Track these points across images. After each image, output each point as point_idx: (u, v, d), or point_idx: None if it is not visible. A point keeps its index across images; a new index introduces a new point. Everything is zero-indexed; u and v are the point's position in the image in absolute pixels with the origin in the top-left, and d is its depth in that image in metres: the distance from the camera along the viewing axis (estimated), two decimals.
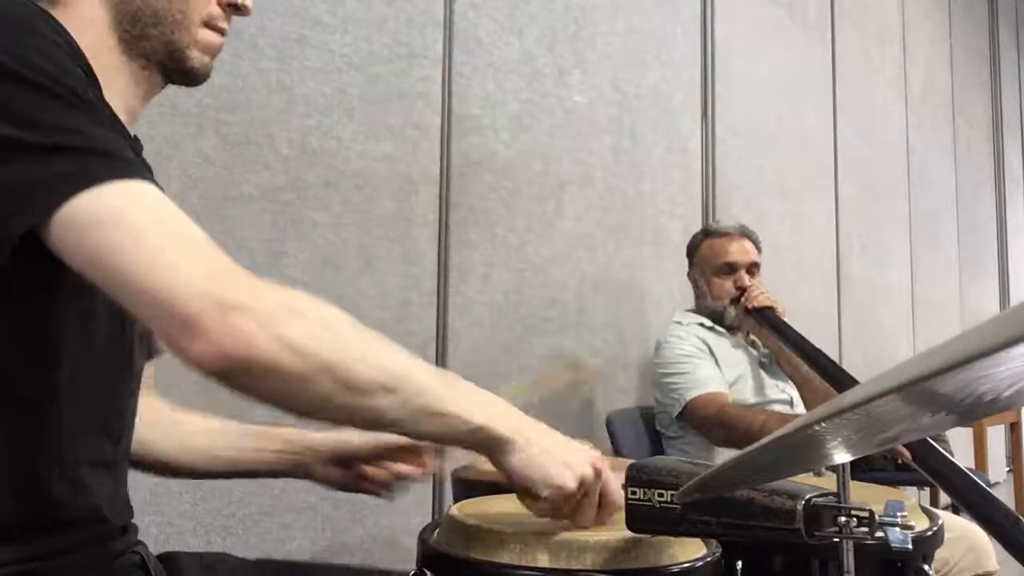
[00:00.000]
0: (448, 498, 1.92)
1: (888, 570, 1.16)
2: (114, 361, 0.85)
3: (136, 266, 0.68)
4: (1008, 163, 6.93)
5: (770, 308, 2.21)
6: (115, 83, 0.78)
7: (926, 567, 1.15)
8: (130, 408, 0.89)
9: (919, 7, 5.32)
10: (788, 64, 3.76)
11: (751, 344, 2.38)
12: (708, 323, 2.32)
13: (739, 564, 1.09)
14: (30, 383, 0.77)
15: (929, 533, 1.19)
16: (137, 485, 0.92)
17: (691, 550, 0.94)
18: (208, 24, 0.86)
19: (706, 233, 2.44)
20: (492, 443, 0.84)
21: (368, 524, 1.91)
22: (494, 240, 2.27)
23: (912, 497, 1.68)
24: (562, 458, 0.86)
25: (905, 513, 0.74)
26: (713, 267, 2.34)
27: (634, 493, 0.87)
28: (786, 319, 2.20)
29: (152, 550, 0.93)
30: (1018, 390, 0.41)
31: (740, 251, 2.34)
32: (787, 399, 2.28)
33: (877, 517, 0.75)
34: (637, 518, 0.87)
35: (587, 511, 0.89)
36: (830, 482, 0.84)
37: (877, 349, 4.34)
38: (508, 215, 2.31)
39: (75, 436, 0.81)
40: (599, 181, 2.63)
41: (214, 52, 0.88)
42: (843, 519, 0.76)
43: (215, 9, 0.87)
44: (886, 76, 4.81)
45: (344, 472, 1.08)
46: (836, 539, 0.78)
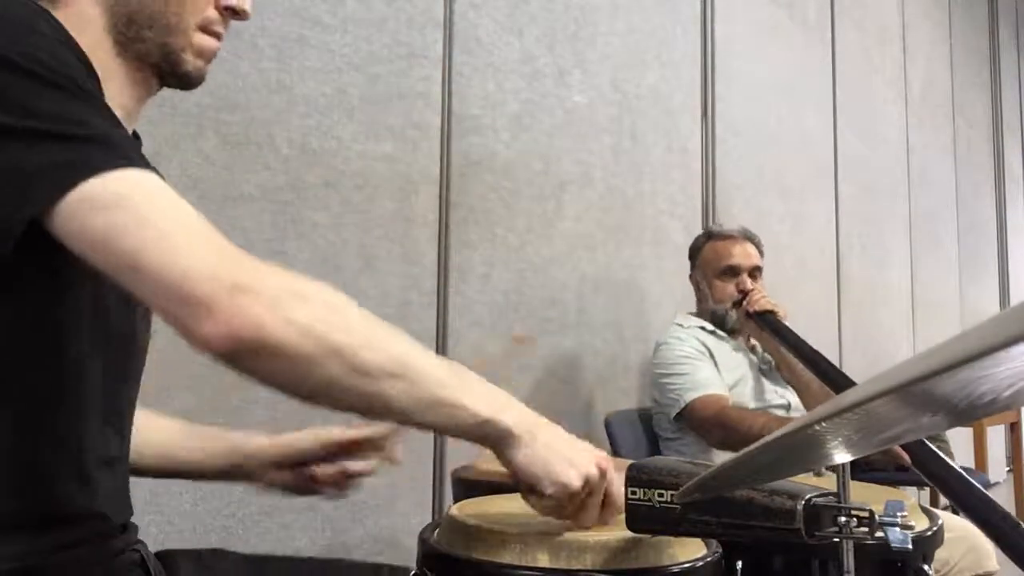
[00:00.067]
0: (448, 498, 1.92)
1: (888, 570, 1.16)
2: (120, 353, 0.85)
3: (144, 248, 0.68)
4: (1008, 163, 6.93)
5: (771, 312, 2.20)
6: (111, 84, 0.78)
7: (926, 567, 1.15)
8: (133, 401, 0.89)
9: (919, 7, 5.32)
10: (788, 64, 3.76)
11: (751, 349, 2.37)
12: (709, 327, 2.32)
13: (739, 564, 1.09)
14: (37, 376, 0.77)
15: (929, 533, 1.19)
16: (137, 484, 0.92)
17: (691, 550, 0.94)
18: (204, 28, 0.86)
19: (709, 235, 2.43)
20: (498, 437, 0.83)
21: (368, 524, 1.91)
22: (494, 240, 2.27)
23: (912, 497, 1.68)
24: (568, 456, 0.85)
25: (905, 513, 0.74)
26: (715, 270, 2.34)
27: (634, 493, 0.87)
28: (787, 323, 2.20)
29: (152, 550, 0.93)
30: (1018, 390, 0.41)
31: (743, 254, 2.33)
32: (785, 404, 2.28)
33: (877, 517, 0.75)
34: (637, 518, 0.87)
35: (590, 511, 0.89)
36: (830, 482, 0.84)
37: (877, 349, 4.34)
38: (508, 215, 2.31)
39: (84, 430, 0.81)
40: (599, 181, 2.63)
41: (209, 57, 0.87)
42: (843, 519, 0.76)
43: (212, 13, 0.86)
44: (886, 76, 4.81)
45: (294, 475, 1.05)
46: (836, 539, 0.78)
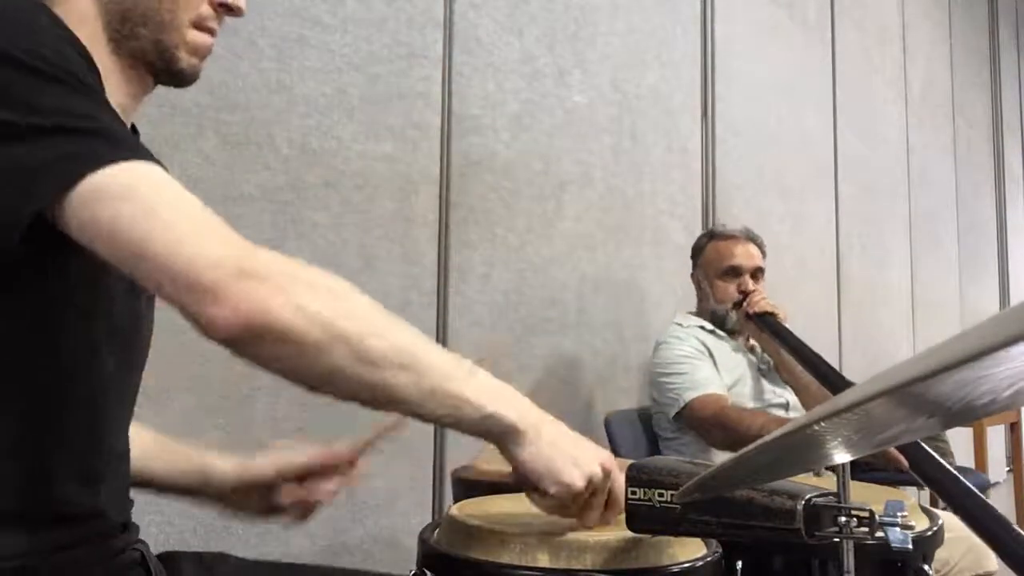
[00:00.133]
0: (448, 498, 1.92)
1: (888, 570, 1.16)
2: (126, 345, 0.85)
3: (150, 238, 0.69)
4: (1008, 163, 6.92)
5: (771, 313, 2.20)
6: (107, 81, 0.78)
7: (926, 567, 1.15)
8: (135, 393, 0.89)
9: (919, 7, 5.31)
10: (788, 64, 3.76)
11: (750, 349, 2.37)
12: (708, 326, 2.32)
13: (739, 564, 1.09)
14: (43, 374, 0.77)
15: (929, 533, 1.19)
16: None
17: (691, 550, 0.94)
18: (198, 25, 0.85)
19: (711, 235, 2.43)
20: (502, 432, 0.82)
21: (368, 524, 1.91)
22: (494, 240, 2.27)
23: (912, 497, 1.68)
24: (572, 455, 0.85)
25: (905, 513, 0.75)
26: (717, 270, 2.33)
27: (634, 493, 0.87)
28: (787, 324, 2.20)
29: (152, 550, 0.92)
30: (1017, 390, 0.41)
31: (745, 255, 2.33)
32: (784, 403, 2.28)
33: (877, 517, 0.75)
34: (637, 518, 0.87)
35: (593, 511, 0.88)
36: (830, 482, 0.84)
37: (877, 349, 4.33)
38: (508, 215, 2.31)
39: (90, 427, 0.81)
40: (599, 181, 2.63)
41: (203, 54, 0.87)
42: (843, 519, 0.76)
43: (206, 9, 0.86)
44: (886, 76, 4.81)
45: (255, 500, 1.04)
46: (836, 539, 0.78)
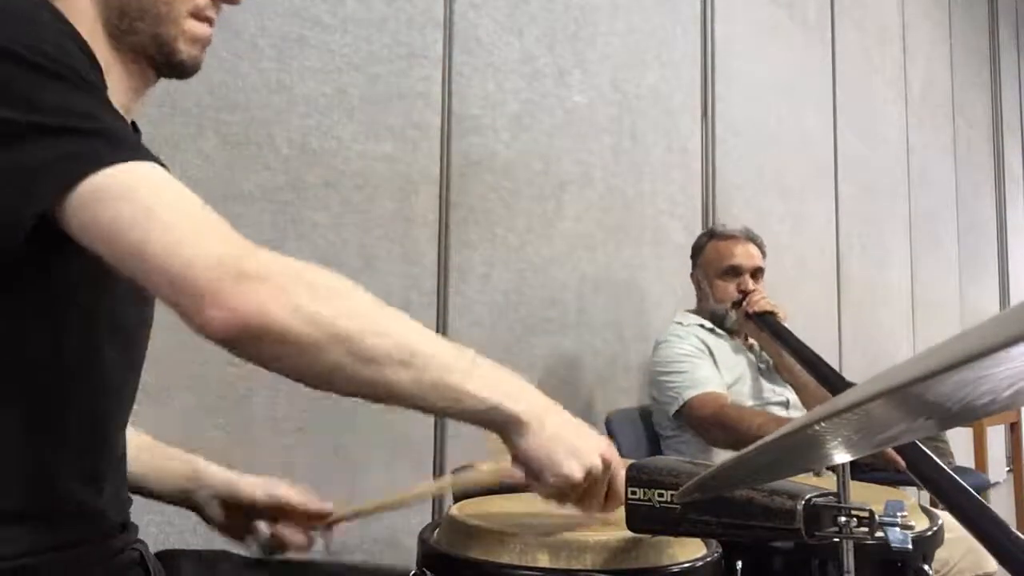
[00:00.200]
0: (448, 498, 1.92)
1: (888, 570, 1.16)
2: (128, 344, 0.85)
3: (149, 240, 0.69)
4: (1008, 163, 6.92)
5: (771, 313, 2.20)
6: (108, 76, 0.78)
7: (926, 567, 1.15)
8: (135, 391, 0.89)
9: (919, 7, 5.31)
10: (788, 64, 3.75)
11: (750, 348, 2.37)
12: (708, 325, 2.32)
13: (739, 564, 1.10)
14: (46, 375, 0.77)
15: (929, 533, 1.19)
16: None
17: (691, 550, 0.94)
18: (195, 15, 0.85)
19: (712, 235, 2.43)
20: (504, 423, 0.83)
21: (368, 524, 1.91)
22: (494, 240, 2.27)
23: (912, 497, 1.68)
24: (573, 447, 0.85)
25: (905, 513, 0.75)
26: (717, 269, 2.33)
27: (634, 493, 0.87)
28: (787, 324, 2.20)
29: (152, 549, 0.93)
30: (1017, 390, 0.41)
31: (745, 255, 2.33)
32: (784, 401, 2.28)
33: (877, 517, 0.75)
34: (637, 518, 0.87)
35: (593, 501, 0.89)
36: (830, 482, 0.84)
37: (877, 349, 4.33)
38: (508, 215, 2.31)
39: (92, 427, 0.81)
40: (599, 181, 2.62)
41: (203, 43, 0.87)
42: (843, 519, 0.76)
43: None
44: (886, 76, 4.81)
45: (234, 518, 1.03)
46: (836, 539, 0.78)
